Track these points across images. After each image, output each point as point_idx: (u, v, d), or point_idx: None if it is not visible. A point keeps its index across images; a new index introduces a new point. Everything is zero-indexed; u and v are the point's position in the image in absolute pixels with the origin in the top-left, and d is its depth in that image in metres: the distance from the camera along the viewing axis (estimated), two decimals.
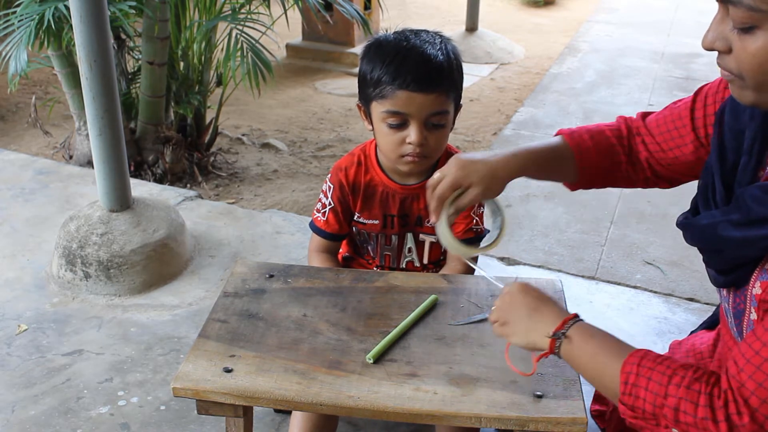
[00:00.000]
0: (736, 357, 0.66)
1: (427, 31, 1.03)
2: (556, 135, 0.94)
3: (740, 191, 0.70)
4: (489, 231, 1.16)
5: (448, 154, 1.10)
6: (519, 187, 2.31)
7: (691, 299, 1.71)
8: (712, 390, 0.67)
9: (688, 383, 0.67)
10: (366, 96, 1.02)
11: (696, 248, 0.77)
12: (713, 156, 0.77)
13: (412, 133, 0.98)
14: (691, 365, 0.70)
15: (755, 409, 0.64)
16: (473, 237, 1.11)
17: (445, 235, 0.86)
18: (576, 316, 0.77)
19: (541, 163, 0.89)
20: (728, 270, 0.73)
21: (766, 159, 0.73)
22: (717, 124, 0.79)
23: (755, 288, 0.69)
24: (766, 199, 0.66)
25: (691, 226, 0.76)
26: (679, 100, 0.90)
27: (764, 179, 0.71)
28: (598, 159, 0.92)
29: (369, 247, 1.15)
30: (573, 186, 0.96)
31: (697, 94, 0.88)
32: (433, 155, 1.03)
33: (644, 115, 0.94)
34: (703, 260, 0.78)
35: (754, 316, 0.71)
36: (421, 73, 0.95)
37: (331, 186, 1.11)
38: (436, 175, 0.85)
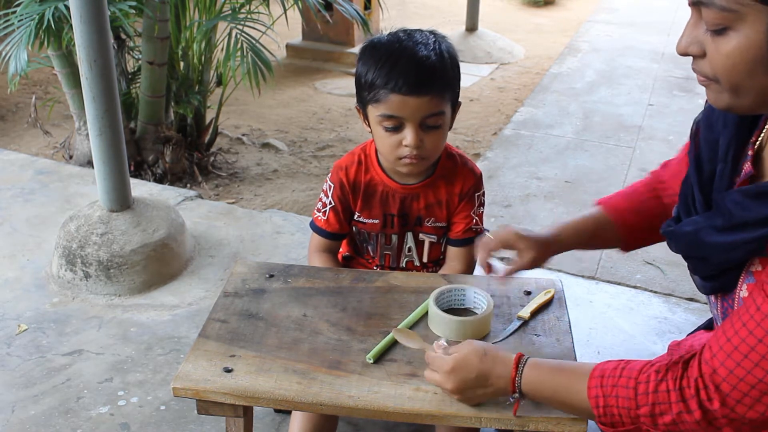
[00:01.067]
0: (711, 342, 0.68)
1: (421, 31, 1.02)
2: (596, 205, 0.98)
3: (720, 196, 0.71)
4: (488, 230, 1.17)
5: (448, 154, 1.10)
6: (519, 186, 2.31)
7: (691, 299, 1.71)
8: (680, 384, 0.68)
9: (654, 387, 0.68)
10: (362, 99, 1.02)
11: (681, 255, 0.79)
12: (691, 167, 0.78)
13: (408, 136, 0.98)
14: (650, 363, 0.70)
15: (726, 394, 0.65)
16: (473, 236, 1.11)
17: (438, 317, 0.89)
18: (517, 367, 0.75)
19: (587, 237, 0.94)
20: (714, 276, 0.73)
21: (741, 165, 0.74)
22: (693, 137, 0.80)
23: (742, 291, 0.70)
24: (747, 203, 0.67)
25: (674, 233, 0.77)
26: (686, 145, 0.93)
27: (739, 184, 0.72)
28: (637, 220, 0.94)
29: (369, 247, 1.15)
30: (624, 251, 0.99)
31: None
32: (430, 156, 1.03)
33: (665, 165, 0.98)
34: (688, 268, 0.78)
35: None
36: (413, 76, 0.95)
37: (332, 185, 1.10)
38: (489, 236, 0.92)
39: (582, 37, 4.14)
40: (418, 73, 0.95)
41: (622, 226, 0.94)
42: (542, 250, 0.91)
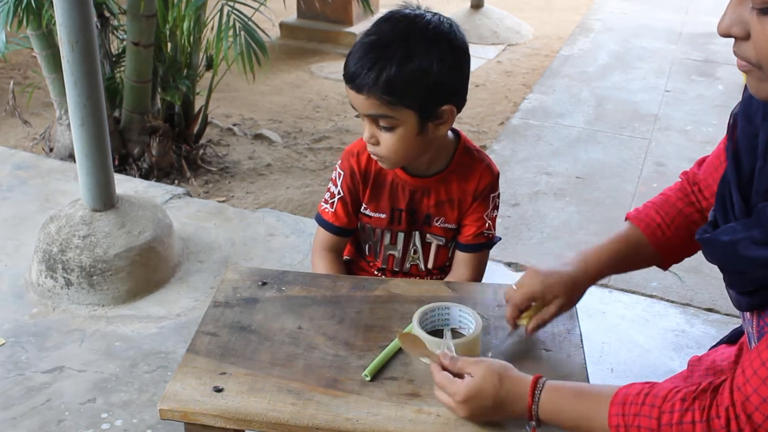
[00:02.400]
0: (744, 366, 0.64)
1: (427, 24, 0.90)
2: (625, 220, 0.89)
3: (761, 206, 0.65)
4: (500, 238, 1.08)
5: (465, 148, 1.01)
6: (527, 183, 2.20)
7: (710, 309, 1.63)
8: (708, 414, 0.64)
9: (679, 418, 0.64)
10: None
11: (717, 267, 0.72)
12: (729, 165, 0.72)
13: (365, 129, 0.93)
14: (676, 389, 0.66)
15: (759, 424, 0.61)
16: (484, 242, 1.04)
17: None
18: (533, 394, 0.71)
19: (619, 261, 0.85)
20: (752, 291, 0.68)
21: None
22: (731, 130, 0.74)
23: None
24: None
25: (711, 242, 0.71)
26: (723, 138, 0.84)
27: None
28: (673, 234, 0.86)
29: (372, 247, 1.08)
30: (663, 268, 0.91)
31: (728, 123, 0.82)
32: (388, 158, 0.94)
33: (701, 161, 0.88)
34: (724, 280, 0.73)
35: None
36: (353, 70, 0.89)
37: (342, 173, 1.03)
38: (513, 286, 0.83)
39: (594, 14, 3.93)
40: (358, 68, 0.89)
41: (658, 244, 0.85)
42: (570, 293, 0.82)
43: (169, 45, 2.18)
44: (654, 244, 0.85)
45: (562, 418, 0.70)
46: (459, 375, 0.74)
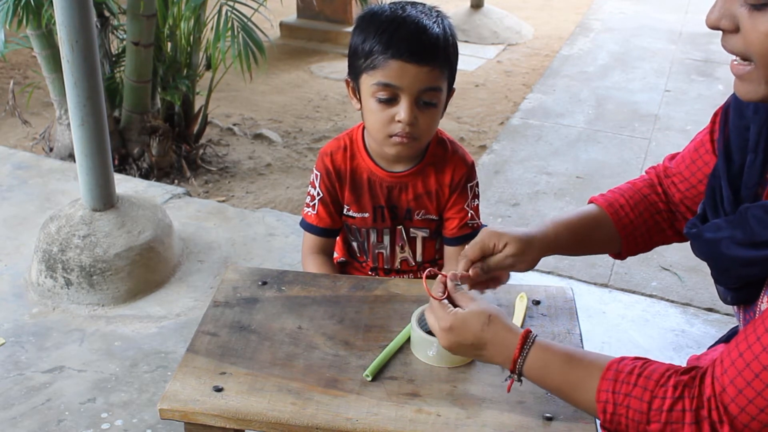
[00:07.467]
0: (723, 356, 0.63)
1: (423, 4, 0.97)
2: (589, 203, 0.89)
3: (744, 208, 0.66)
4: (486, 226, 1.07)
5: (439, 140, 1.02)
6: (527, 183, 2.19)
7: (710, 309, 1.62)
8: (696, 404, 0.64)
9: (670, 405, 0.64)
10: (356, 69, 0.96)
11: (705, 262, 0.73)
12: (720, 158, 0.72)
13: (401, 111, 0.92)
14: (668, 374, 0.65)
15: (734, 416, 0.61)
16: (470, 233, 1.04)
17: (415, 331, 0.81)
18: (522, 347, 0.69)
19: (578, 231, 0.83)
20: (737, 287, 0.69)
21: None
22: (722, 123, 0.74)
23: (763, 303, 0.66)
24: None
25: (697, 237, 0.71)
26: (701, 131, 0.83)
27: None
28: (636, 217, 0.85)
29: (361, 247, 1.08)
30: (619, 255, 0.88)
31: (714, 116, 0.81)
32: (422, 137, 0.96)
33: (672, 157, 0.88)
34: (712, 275, 0.73)
35: None
36: (416, 43, 0.90)
37: (318, 174, 1.04)
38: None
39: (594, 14, 3.93)
40: (422, 40, 0.91)
41: (620, 224, 0.84)
42: (524, 247, 0.78)
43: (169, 45, 2.18)
44: (615, 222, 0.84)
45: (547, 379, 0.69)
46: (454, 304, 0.73)
